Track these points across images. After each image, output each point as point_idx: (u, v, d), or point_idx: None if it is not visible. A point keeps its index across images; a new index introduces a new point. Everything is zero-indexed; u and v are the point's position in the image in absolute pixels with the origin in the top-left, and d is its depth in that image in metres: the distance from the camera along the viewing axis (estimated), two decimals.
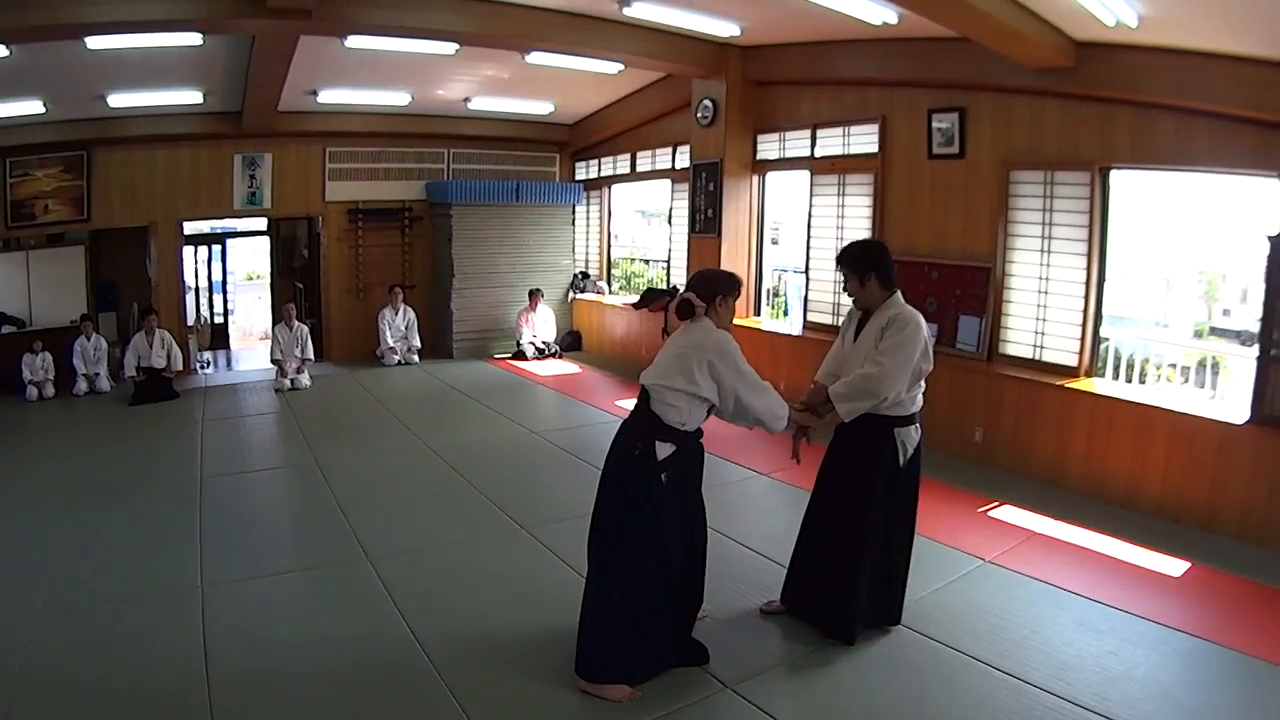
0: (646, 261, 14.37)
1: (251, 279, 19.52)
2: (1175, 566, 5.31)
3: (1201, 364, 7.51)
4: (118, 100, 9.55)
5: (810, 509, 4.53)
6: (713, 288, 3.91)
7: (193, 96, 9.92)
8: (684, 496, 3.87)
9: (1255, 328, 6.01)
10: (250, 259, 19.18)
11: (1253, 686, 3.96)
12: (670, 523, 3.76)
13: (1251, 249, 6.20)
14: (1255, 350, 5.86)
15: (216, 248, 15.61)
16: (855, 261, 4.22)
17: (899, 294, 4.23)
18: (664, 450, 3.73)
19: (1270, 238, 5.64)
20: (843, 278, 4.30)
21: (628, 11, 7.77)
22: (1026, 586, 4.99)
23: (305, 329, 10.79)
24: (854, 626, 4.27)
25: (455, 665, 4.00)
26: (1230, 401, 6.66)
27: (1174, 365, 7.74)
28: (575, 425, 8.67)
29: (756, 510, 6.25)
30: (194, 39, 7.43)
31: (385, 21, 7.44)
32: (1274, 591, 4.98)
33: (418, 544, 5.52)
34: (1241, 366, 6.94)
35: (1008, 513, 6.24)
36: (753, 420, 3.88)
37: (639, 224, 16.54)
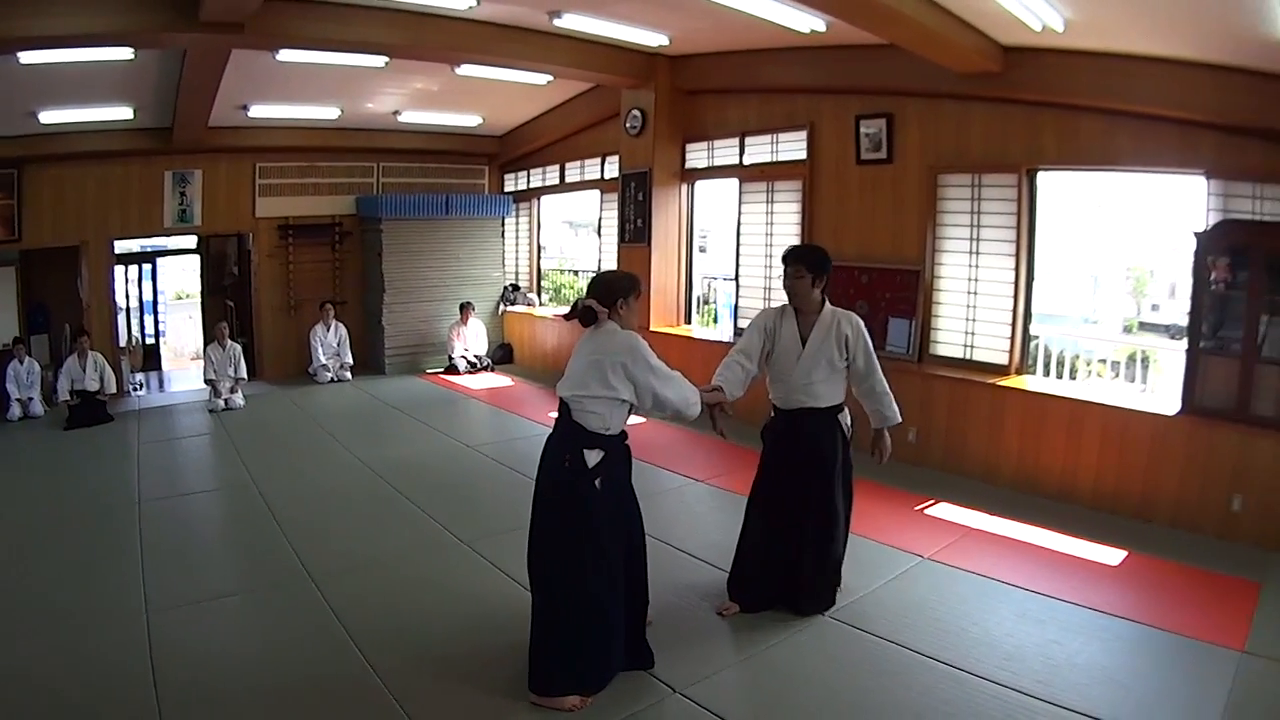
0: (575, 272, 14.33)
1: (180, 298, 19.08)
2: (1113, 556, 5.40)
3: (1132, 359, 7.67)
4: (49, 117, 9.25)
5: (765, 506, 4.62)
6: (612, 292, 3.89)
7: (124, 112, 9.66)
8: (618, 498, 3.86)
9: (1183, 322, 6.15)
10: (179, 278, 18.75)
11: (1193, 667, 4.04)
12: (608, 527, 3.75)
13: (1179, 245, 6.35)
14: (1184, 344, 5.99)
15: (146, 266, 15.22)
16: (816, 262, 4.47)
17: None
18: (593, 457, 3.72)
19: (1196, 234, 5.80)
20: (794, 273, 4.46)
21: (558, 23, 7.74)
22: (966, 581, 5.02)
23: (238, 348, 10.50)
24: (835, 593, 4.66)
25: (405, 681, 3.91)
26: (1161, 394, 6.82)
27: (1104, 361, 7.90)
28: (510, 438, 8.56)
29: (693, 516, 6.23)
30: (126, 53, 7.24)
31: (319, 35, 7.33)
32: (1210, 575, 5.11)
33: (360, 561, 5.40)
34: (1171, 360, 7.10)
35: (944, 510, 6.30)
36: (670, 411, 3.91)
37: (567, 235, 16.51)
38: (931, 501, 6.44)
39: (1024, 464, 6.73)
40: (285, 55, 8.07)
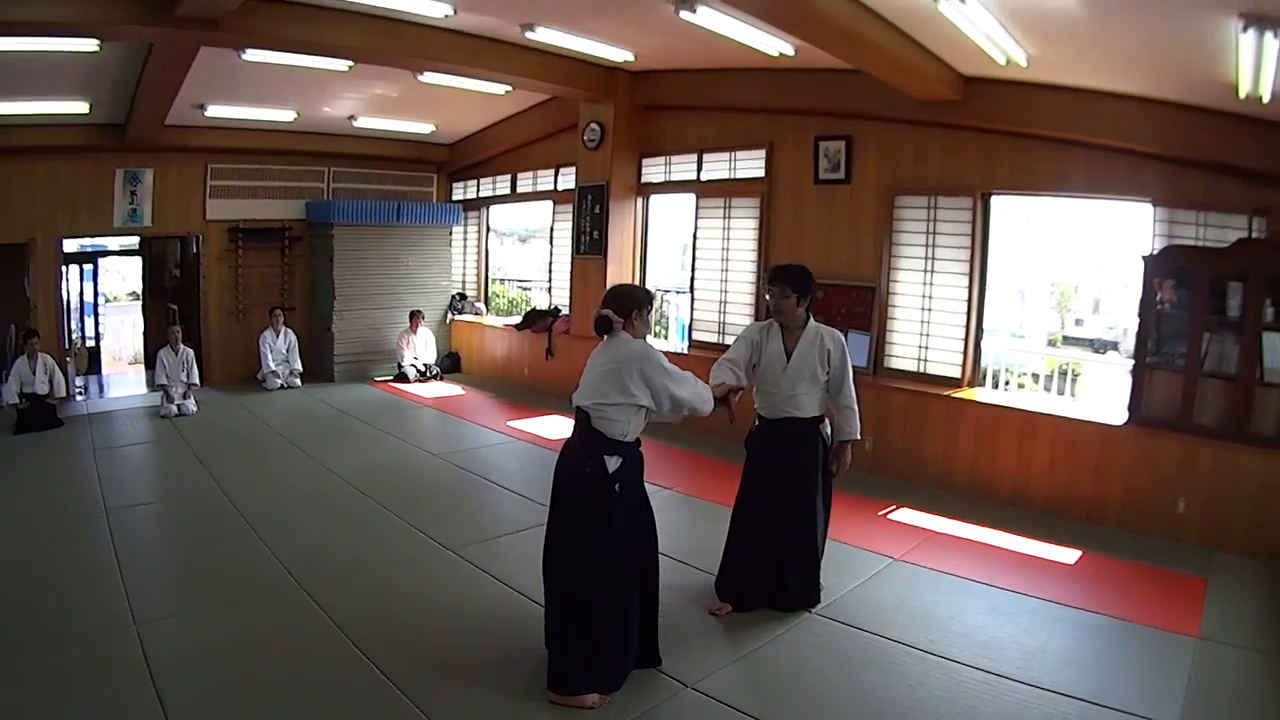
0: (502, 281, 14.40)
1: (109, 300, 18.43)
2: (1068, 555, 5.82)
3: (1062, 371, 8.12)
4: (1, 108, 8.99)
5: (751, 510, 4.87)
6: (628, 303, 4.07)
7: (79, 107, 9.42)
8: (635, 502, 4.03)
9: (1107, 336, 6.61)
10: (107, 280, 18.08)
11: (1156, 652, 4.46)
12: (625, 531, 3.92)
13: (1104, 263, 6.82)
14: (1108, 356, 6.44)
15: (88, 267, 14.60)
16: (802, 283, 4.72)
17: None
18: (613, 463, 3.87)
19: (1144, 258, 6.27)
20: (779, 294, 4.72)
21: (530, 35, 7.87)
22: (937, 579, 5.36)
23: (191, 352, 10.29)
24: (819, 591, 4.91)
25: (420, 686, 3.94)
26: (1087, 404, 7.31)
27: (1034, 375, 8.35)
28: (472, 447, 8.64)
29: (668, 522, 6.22)
30: (91, 45, 7.07)
31: (292, 35, 7.30)
32: (1160, 571, 5.58)
33: (347, 569, 5.36)
34: (1097, 373, 7.54)
35: (906, 515, 6.65)
36: (687, 410, 4.11)
37: (492, 243, 16.40)
38: (893, 507, 6.78)
39: (978, 471, 7.12)
40: (251, 55, 7.99)
